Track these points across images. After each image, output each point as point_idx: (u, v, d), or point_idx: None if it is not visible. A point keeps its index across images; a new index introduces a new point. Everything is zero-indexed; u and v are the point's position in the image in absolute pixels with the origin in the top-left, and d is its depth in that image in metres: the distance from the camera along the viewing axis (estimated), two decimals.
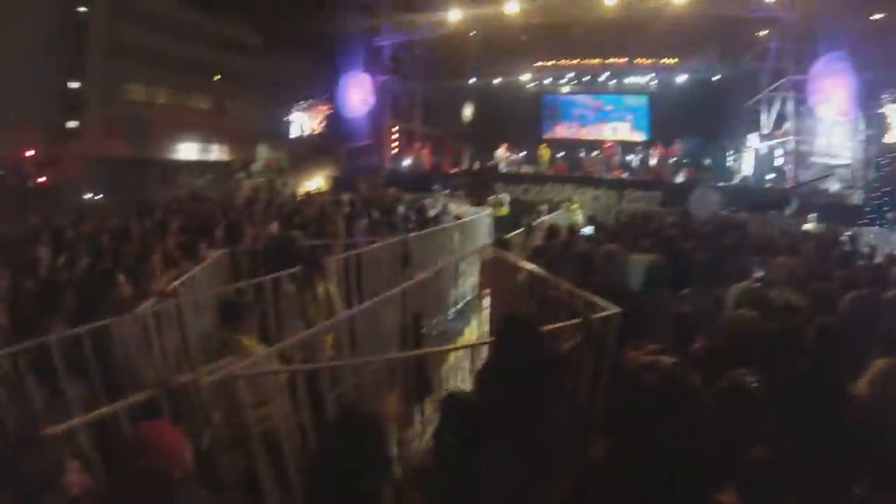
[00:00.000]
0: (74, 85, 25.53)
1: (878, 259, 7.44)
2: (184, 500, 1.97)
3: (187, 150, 31.52)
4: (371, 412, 2.33)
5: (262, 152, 27.32)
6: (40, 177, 23.31)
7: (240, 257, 6.86)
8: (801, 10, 15.69)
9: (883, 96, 15.44)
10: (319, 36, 20.57)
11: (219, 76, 32.59)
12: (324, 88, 22.20)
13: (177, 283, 5.36)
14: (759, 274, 5.27)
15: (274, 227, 9.20)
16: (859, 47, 14.99)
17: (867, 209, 15.00)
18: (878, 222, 14.26)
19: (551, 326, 3.57)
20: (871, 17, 15.77)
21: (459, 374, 4.39)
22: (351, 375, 3.89)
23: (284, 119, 24.49)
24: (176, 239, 7.51)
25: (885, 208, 15.20)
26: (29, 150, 22.84)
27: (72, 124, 25.49)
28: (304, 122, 23.87)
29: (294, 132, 24.08)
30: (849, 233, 10.84)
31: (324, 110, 22.77)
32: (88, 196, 21.98)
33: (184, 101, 31.68)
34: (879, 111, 15.58)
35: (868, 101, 15.53)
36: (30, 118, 22.45)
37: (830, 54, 15.18)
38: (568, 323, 3.72)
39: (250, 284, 5.40)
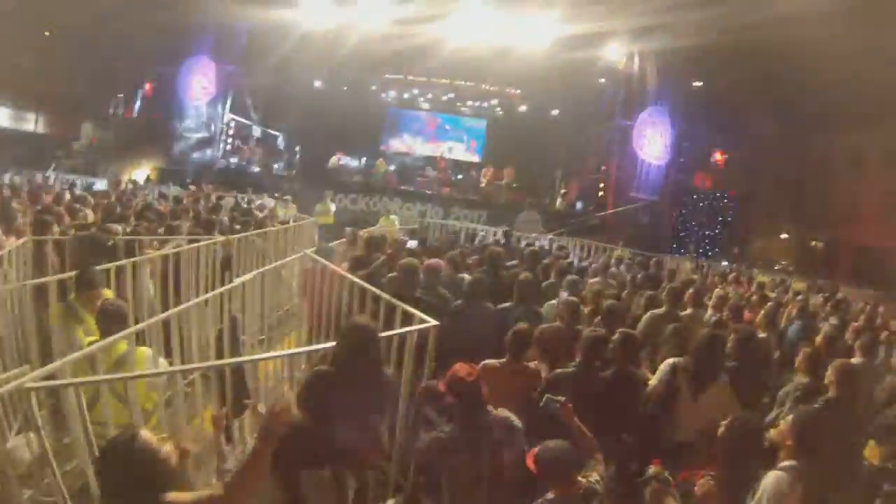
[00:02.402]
0: None
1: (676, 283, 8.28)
2: None
3: None
4: (136, 435, 2.11)
5: (87, 129, 23.73)
6: None
7: (45, 248, 5.92)
8: (638, 67, 17.53)
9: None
10: (173, 9, 18.54)
11: (49, 32, 26.98)
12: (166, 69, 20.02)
13: None
14: (565, 294, 5.56)
15: (90, 216, 8.10)
16: (679, 105, 17.22)
17: (672, 240, 17.06)
18: (680, 252, 16.27)
19: None
20: (692, 84, 18.29)
21: (278, 383, 4.18)
22: (166, 385, 3.57)
23: (120, 95, 21.82)
24: None
25: (686, 240, 17.49)
26: None
27: None
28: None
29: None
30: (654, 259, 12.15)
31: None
32: None
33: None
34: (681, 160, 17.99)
35: (678, 149, 17.83)
36: None
37: (654, 107, 17.17)
38: (387, 333, 3.76)
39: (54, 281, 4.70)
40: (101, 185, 15.17)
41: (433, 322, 3.89)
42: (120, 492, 2.02)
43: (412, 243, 7.16)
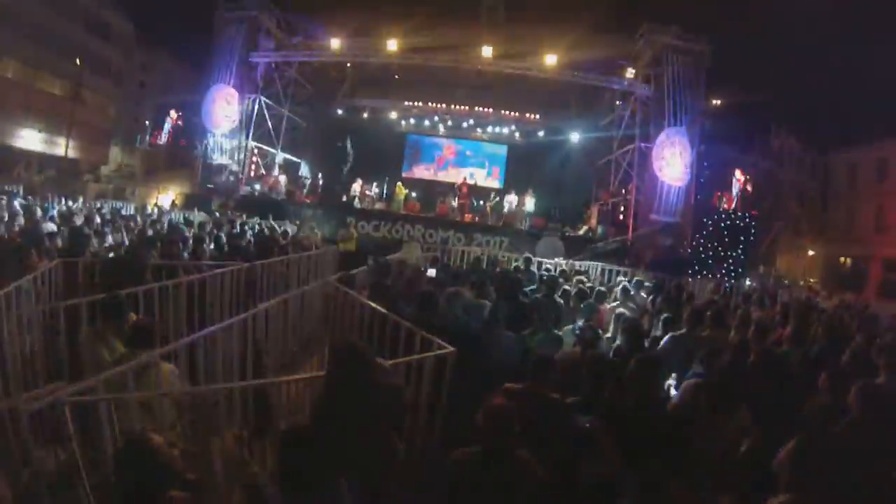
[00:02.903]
0: None
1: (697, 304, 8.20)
2: None
3: (29, 139, 25.66)
4: (147, 437, 2.42)
5: (115, 154, 24.50)
6: None
7: (77, 269, 6.10)
8: (653, 88, 17.59)
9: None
10: (196, 39, 19.21)
11: (79, 60, 26.94)
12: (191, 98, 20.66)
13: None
14: (580, 321, 5.56)
15: (118, 238, 8.34)
16: (698, 125, 17.16)
17: (694, 262, 16.87)
18: (702, 273, 16.08)
19: (389, 362, 3.60)
20: (712, 102, 18.33)
21: (300, 408, 4.15)
22: (191, 406, 3.68)
23: (146, 122, 22.54)
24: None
25: (709, 262, 17.29)
26: None
27: None
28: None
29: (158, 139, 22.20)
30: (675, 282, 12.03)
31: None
32: None
33: (33, 79, 25.77)
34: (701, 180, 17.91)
35: (699, 170, 17.75)
36: None
37: (672, 128, 17.16)
38: (405, 359, 3.82)
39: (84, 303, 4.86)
40: (128, 209, 15.56)
41: (450, 349, 3.92)
42: (128, 485, 2.32)
43: (431, 271, 7.23)
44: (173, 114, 21.93)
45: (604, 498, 2.73)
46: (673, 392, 4.65)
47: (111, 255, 6.68)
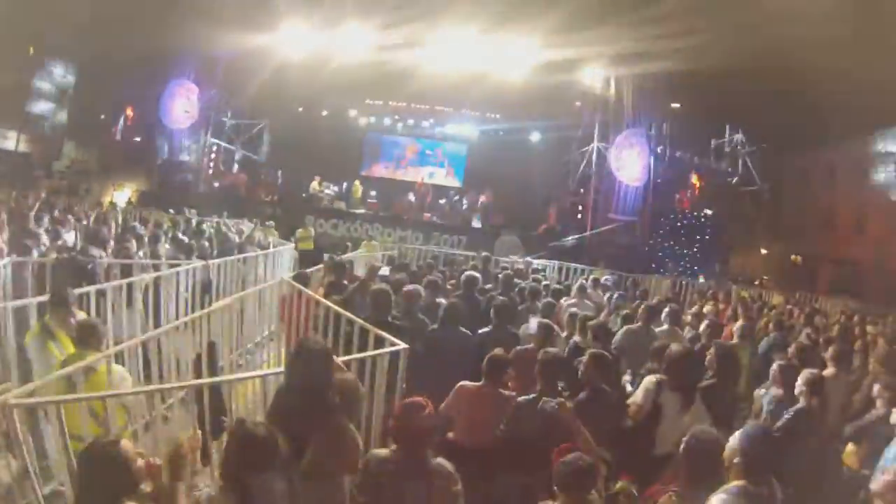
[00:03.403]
0: None
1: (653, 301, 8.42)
2: None
3: None
4: (118, 442, 2.41)
5: (69, 150, 23.54)
6: None
7: (26, 271, 5.99)
8: (614, 90, 17.89)
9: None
10: (154, 32, 18.53)
11: (31, 48, 24.86)
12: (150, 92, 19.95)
13: None
14: (536, 318, 5.65)
15: (70, 238, 8.10)
16: (657, 127, 17.59)
17: (651, 260, 17.31)
18: (659, 271, 16.50)
19: (343, 359, 3.65)
20: (671, 105, 18.69)
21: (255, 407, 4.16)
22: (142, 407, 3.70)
23: (102, 117, 21.76)
24: None
25: (666, 260, 17.77)
26: None
27: None
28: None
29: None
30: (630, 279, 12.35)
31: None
32: None
33: None
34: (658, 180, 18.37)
35: (656, 170, 18.20)
36: None
37: (631, 129, 17.55)
38: (358, 356, 3.90)
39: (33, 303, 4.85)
40: (81, 206, 15.06)
41: (403, 345, 3.98)
42: (92, 489, 2.31)
43: (385, 270, 7.27)
44: (128, 109, 21.22)
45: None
46: (629, 388, 4.77)
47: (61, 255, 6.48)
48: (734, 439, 2.75)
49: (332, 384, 2.97)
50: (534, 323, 5.37)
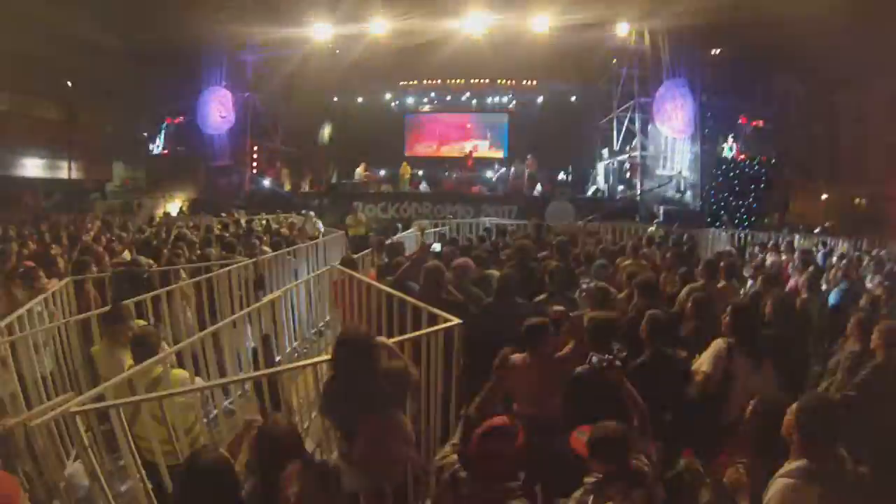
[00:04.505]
0: None
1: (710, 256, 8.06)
2: None
3: (33, 167, 25.55)
4: (217, 454, 2.33)
5: (118, 170, 24.59)
6: None
7: (86, 287, 6.14)
8: (649, 42, 17.25)
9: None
10: (184, 47, 19.02)
11: (71, 83, 26.27)
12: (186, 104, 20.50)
13: (11, 317, 4.80)
14: (587, 281, 5.43)
15: (126, 253, 8.37)
16: (698, 76, 16.83)
17: (705, 214, 16.65)
18: (715, 225, 15.87)
19: (396, 339, 3.64)
20: (711, 52, 17.79)
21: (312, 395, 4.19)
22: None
23: (144, 134, 22.50)
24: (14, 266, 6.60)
25: (721, 213, 17.04)
26: None
27: None
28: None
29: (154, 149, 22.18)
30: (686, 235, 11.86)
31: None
32: None
33: (29, 108, 25.17)
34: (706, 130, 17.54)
35: (702, 120, 17.39)
36: None
37: (671, 80, 16.80)
38: (412, 335, 3.83)
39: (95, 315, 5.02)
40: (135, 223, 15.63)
41: (457, 321, 3.88)
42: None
43: (436, 246, 7.16)
44: (169, 122, 21.81)
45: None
46: None
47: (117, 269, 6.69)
48: (790, 412, 2.41)
49: (378, 372, 2.93)
50: (585, 286, 5.19)
